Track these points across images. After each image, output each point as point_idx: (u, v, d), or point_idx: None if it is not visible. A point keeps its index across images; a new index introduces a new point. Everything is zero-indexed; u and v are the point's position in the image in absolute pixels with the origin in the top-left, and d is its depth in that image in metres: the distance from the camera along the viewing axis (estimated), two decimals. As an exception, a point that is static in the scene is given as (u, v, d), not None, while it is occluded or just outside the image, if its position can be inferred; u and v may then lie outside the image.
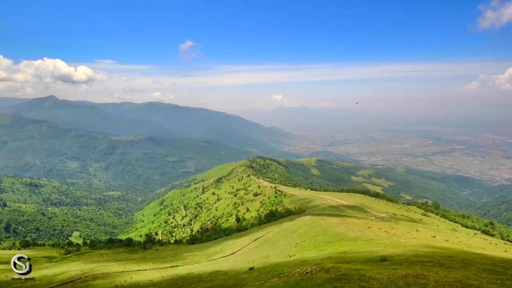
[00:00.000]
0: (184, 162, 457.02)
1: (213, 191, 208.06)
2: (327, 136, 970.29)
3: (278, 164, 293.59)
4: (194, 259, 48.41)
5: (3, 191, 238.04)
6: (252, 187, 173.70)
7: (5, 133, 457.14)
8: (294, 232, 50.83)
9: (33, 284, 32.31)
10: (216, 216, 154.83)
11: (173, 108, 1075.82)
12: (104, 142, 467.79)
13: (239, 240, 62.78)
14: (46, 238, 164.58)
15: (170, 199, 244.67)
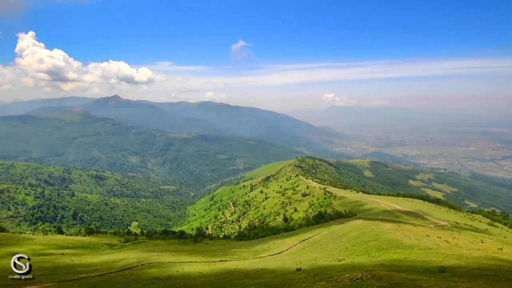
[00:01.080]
0: (233, 160, 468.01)
1: (261, 189, 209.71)
2: (382, 136, 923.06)
3: (328, 165, 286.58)
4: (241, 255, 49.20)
5: (72, 182, 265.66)
6: (300, 187, 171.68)
7: (75, 130, 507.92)
8: (344, 235, 49.13)
9: (95, 269, 35.38)
10: (263, 214, 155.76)
11: (224, 107, 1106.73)
12: (161, 139, 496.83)
13: (286, 240, 62.42)
14: (108, 226, 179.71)
15: (220, 195, 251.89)
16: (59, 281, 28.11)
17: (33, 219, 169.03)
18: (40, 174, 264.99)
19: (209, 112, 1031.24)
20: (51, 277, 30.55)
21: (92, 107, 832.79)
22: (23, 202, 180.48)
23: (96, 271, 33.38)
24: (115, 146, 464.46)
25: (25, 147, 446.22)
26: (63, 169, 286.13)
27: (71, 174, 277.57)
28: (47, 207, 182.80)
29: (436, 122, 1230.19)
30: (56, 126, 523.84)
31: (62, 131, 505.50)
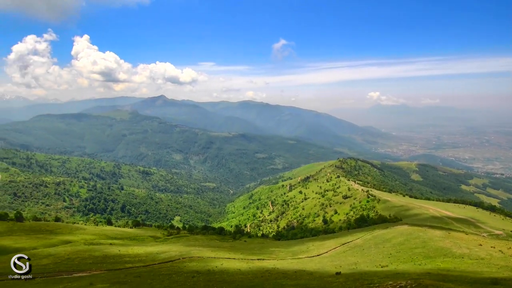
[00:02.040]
0: (272, 159, 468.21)
1: (300, 189, 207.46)
2: (431, 137, 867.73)
3: (371, 167, 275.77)
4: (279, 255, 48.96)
5: (121, 177, 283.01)
6: (341, 189, 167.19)
7: (125, 127, 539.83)
8: (388, 241, 46.90)
9: (140, 260, 37.19)
10: (302, 215, 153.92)
11: (264, 106, 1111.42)
12: (203, 138, 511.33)
13: (325, 242, 61.06)
14: (153, 219, 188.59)
15: (258, 194, 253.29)
16: (108, 270, 29.91)
17: (86, 210, 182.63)
18: (93, 168, 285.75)
19: (249, 111, 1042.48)
20: (100, 265, 32.64)
21: (140, 106, 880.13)
22: (77, 194, 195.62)
23: (141, 262, 35.06)
24: (160, 143, 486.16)
25: (79, 143, 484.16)
26: (113, 164, 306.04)
27: (120, 169, 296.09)
28: (98, 200, 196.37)
29: (492, 123, 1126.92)
30: (107, 124, 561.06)
31: (113, 129, 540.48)
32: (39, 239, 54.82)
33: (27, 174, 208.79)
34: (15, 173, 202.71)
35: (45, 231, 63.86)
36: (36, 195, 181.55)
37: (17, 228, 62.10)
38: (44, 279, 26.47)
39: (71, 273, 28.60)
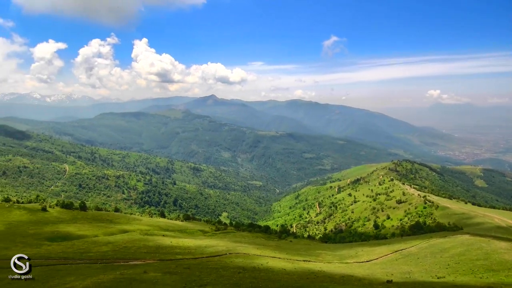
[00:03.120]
0: (320, 159, 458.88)
1: (349, 192, 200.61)
2: (499, 140, 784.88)
3: (429, 170, 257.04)
4: (326, 258, 47.72)
5: (174, 172, 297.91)
6: (395, 193, 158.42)
7: (178, 126, 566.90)
8: (445, 251, 43.30)
9: (190, 252, 38.64)
10: (351, 218, 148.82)
11: (313, 105, 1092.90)
12: (251, 136, 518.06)
13: (376, 248, 58.19)
14: (202, 214, 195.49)
15: (305, 195, 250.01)
16: (160, 260, 31.52)
17: (142, 202, 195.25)
18: (149, 163, 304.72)
19: (297, 110, 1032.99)
20: (153, 255, 34.53)
21: (192, 106, 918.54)
22: (134, 187, 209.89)
23: (190, 254, 36.43)
24: (210, 141, 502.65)
25: (138, 139, 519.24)
26: (167, 160, 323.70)
27: (173, 165, 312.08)
28: (153, 193, 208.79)
29: None
30: (163, 122, 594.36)
31: (167, 127, 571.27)
32: (100, 228, 59.72)
33: (91, 167, 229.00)
34: (80, 166, 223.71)
35: (106, 220, 69.40)
36: (98, 187, 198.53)
37: (81, 216, 68.27)
38: (103, 264, 28.68)
39: (127, 261, 30.61)
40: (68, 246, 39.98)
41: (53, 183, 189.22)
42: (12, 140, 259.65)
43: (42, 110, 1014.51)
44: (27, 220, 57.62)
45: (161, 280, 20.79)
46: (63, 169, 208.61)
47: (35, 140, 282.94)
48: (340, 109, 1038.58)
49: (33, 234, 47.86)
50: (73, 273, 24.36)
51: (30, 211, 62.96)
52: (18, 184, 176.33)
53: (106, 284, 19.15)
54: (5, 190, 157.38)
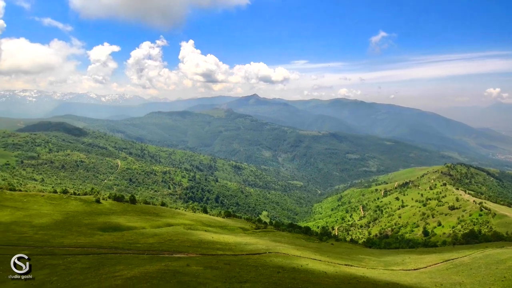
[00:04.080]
0: (365, 160, 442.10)
1: (397, 196, 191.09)
2: None
3: (487, 175, 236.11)
4: (370, 263, 45.74)
5: (216, 170, 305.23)
6: (447, 199, 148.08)
7: (221, 124, 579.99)
8: (502, 262, 39.37)
9: (230, 248, 39.15)
10: (398, 223, 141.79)
11: (358, 104, 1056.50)
12: (292, 136, 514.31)
13: (425, 256, 54.62)
14: (242, 212, 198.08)
15: (348, 197, 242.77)
16: (202, 254, 32.33)
17: (186, 198, 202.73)
18: (193, 161, 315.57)
19: (341, 109, 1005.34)
20: (195, 249, 35.52)
21: (235, 105, 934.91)
22: (179, 183, 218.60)
23: (231, 251, 36.92)
24: (251, 140, 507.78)
25: (183, 137, 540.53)
26: (210, 158, 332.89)
27: (216, 163, 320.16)
28: (196, 189, 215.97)
29: None
30: (206, 121, 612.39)
31: (211, 126, 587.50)
32: (147, 220, 62.90)
33: (141, 163, 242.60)
34: (131, 162, 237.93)
35: (152, 213, 72.95)
36: (147, 182, 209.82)
37: (131, 209, 72.40)
38: (150, 255, 30.06)
39: (171, 253, 31.79)
40: (118, 237, 42.56)
41: (107, 177, 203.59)
42: (71, 136, 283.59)
43: (98, 108, 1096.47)
44: (82, 210, 62.41)
45: (202, 274, 21.23)
46: (115, 164, 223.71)
47: (91, 136, 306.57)
48: (388, 108, 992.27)
49: (87, 224, 51.73)
50: (122, 262, 25.81)
51: (85, 203, 68.16)
52: (75, 177, 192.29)
53: (152, 275, 19.97)
54: (63, 182, 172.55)
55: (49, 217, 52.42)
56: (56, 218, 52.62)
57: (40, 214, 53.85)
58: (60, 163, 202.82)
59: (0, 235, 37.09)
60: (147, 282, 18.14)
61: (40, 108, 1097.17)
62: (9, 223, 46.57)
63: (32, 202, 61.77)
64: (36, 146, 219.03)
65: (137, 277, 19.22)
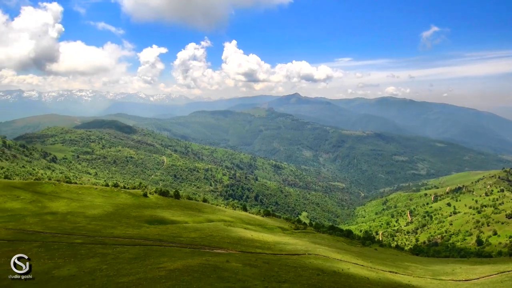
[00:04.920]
0: (414, 163, 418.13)
1: (448, 201, 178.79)
2: None
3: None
4: (416, 271, 43.17)
5: (256, 168, 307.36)
6: (505, 206, 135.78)
7: (261, 124, 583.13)
8: None
9: (269, 247, 39.12)
10: (449, 231, 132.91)
11: (407, 103, 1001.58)
12: (334, 136, 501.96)
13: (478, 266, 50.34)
14: (281, 211, 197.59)
15: (394, 201, 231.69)
16: (241, 251, 32.68)
17: (226, 195, 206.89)
18: (234, 159, 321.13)
19: (388, 108, 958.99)
20: (235, 246, 35.99)
21: (276, 104, 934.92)
22: (220, 180, 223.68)
23: (270, 250, 36.89)
24: (292, 139, 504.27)
25: (224, 136, 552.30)
26: (250, 157, 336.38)
27: (256, 162, 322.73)
28: (236, 187, 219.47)
29: None
30: (247, 120, 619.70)
31: (251, 125, 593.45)
32: (190, 215, 65.11)
33: (185, 160, 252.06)
34: (176, 159, 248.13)
35: (195, 209, 75.37)
36: (190, 178, 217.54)
37: (175, 204, 75.40)
38: (192, 249, 31.01)
39: (212, 249, 32.53)
40: (163, 230, 44.50)
41: (153, 172, 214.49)
42: (122, 134, 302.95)
43: (146, 108, 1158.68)
44: (131, 203, 66.23)
45: (241, 271, 21.42)
46: (161, 161, 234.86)
47: (140, 134, 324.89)
48: (440, 108, 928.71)
49: (135, 216, 54.78)
50: (166, 254, 26.92)
51: (133, 196, 72.27)
52: (125, 172, 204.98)
53: (194, 268, 20.55)
54: (114, 176, 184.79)
55: (101, 209, 56.34)
56: (107, 210, 56.43)
57: (93, 206, 58.09)
58: (112, 158, 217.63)
59: (57, 224, 40.55)
60: (189, 275, 18.69)
61: (94, 107, 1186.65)
62: (65, 213, 50.83)
63: (86, 194, 66.88)
64: (90, 142, 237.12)
65: (180, 270, 19.89)
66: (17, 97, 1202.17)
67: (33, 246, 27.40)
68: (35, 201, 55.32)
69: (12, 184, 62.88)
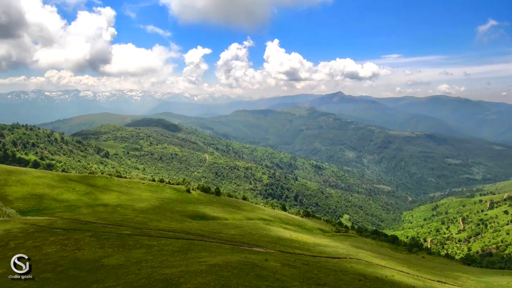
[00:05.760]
0: (469, 167, 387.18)
1: (506, 209, 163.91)
2: None
3: None
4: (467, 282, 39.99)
5: (296, 168, 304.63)
6: None
7: (302, 123, 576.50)
8: None
9: (308, 249, 38.52)
10: (505, 241, 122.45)
11: (461, 102, 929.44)
12: (380, 136, 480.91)
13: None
14: (322, 213, 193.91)
15: (445, 207, 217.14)
16: (279, 251, 32.56)
17: (266, 194, 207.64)
18: (273, 158, 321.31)
19: (440, 108, 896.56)
20: (273, 245, 35.96)
21: (317, 103, 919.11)
22: (260, 179, 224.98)
23: (309, 251, 36.32)
24: (334, 139, 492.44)
25: (264, 135, 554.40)
26: (290, 156, 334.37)
27: (296, 161, 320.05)
28: (276, 186, 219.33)
29: None
30: (288, 119, 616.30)
31: (292, 124, 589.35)
32: (230, 212, 66.30)
33: (226, 158, 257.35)
34: (217, 157, 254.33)
35: (235, 206, 76.59)
36: (230, 176, 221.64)
37: (216, 200, 77.26)
38: (231, 246, 31.52)
39: (251, 246, 32.80)
40: (204, 225, 45.79)
41: (196, 169, 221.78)
42: (168, 132, 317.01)
43: (191, 107, 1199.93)
44: (175, 198, 69.02)
45: (280, 271, 21.31)
46: (204, 158, 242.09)
47: (184, 132, 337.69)
48: (499, 107, 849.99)
49: (178, 211, 57.00)
50: (206, 249, 27.64)
51: (177, 191, 75.27)
52: (170, 168, 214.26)
53: (233, 264, 20.85)
54: (160, 172, 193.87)
55: (148, 202, 59.41)
56: (153, 203, 59.37)
57: (141, 199, 61.44)
58: (158, 155, 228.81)
59: (108, 215, 43.44)
60: (228, 271, 18.99)
61: (143, 106, 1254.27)
62: (115, 205, 54.33)
63: (134, 188, 70.96)
64: (139, 139, 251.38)
65: (220, 265, 20.28)
66: (74, 97, 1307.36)
67: (86, 235, 29.60)
68: (88, 193, 59.84)
69: (68, 177, 68.60)
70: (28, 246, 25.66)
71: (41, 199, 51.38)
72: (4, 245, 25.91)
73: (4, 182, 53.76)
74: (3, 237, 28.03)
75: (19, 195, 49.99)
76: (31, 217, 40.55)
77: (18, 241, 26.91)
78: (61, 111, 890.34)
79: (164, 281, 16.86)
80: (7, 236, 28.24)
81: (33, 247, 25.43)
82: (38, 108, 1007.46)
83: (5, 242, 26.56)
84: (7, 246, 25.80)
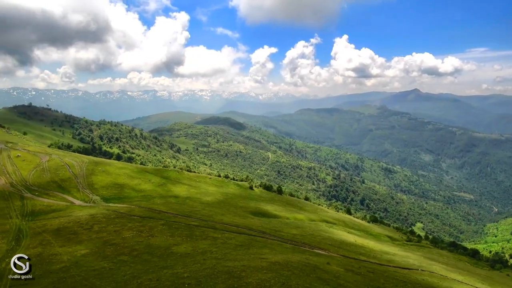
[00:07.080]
0: None
1: None
2: None
3: None
4: None
5: (363, 170, 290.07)
6: None
7: (371, 122, 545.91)
8: None
9: (375, 256, 36.30)
10: None
11: None
12: (463, 139, 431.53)
13: None
14: (391, 220, 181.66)
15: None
16: (343, 255, 31.32)
17: (329, 195, 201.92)
18: (339, 159, 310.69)
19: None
20: (336, 249, 34.74)
21: (389, 101, 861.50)
22: (323, 180, 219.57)
23: (375, 259, 34.29)
24: (407, 141, 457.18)
25: (330, 134, 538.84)
26: (357, 158, 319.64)
27: (363, 163, 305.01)
28: (340, 188, 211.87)
29: None
30: (355, 119, 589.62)
31: (360, 123, 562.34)
32: (291, 212, 65.99)
33: (288, 157, 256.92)
34: (280, 155, 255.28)
35: (296, 206, 76.03)
36: (292, 175, 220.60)
37: (277, 199, 77.60)
38: (292, 246, 31.29)
39: (312, 248, 32.17)
40: (266, 222, 46.29)
41: (259, 167, 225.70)
42: (233, 130, 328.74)
43: (256, 106, 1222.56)
44: (239, 194, 71.10)
45: (343, 276, 20.49)
46: (267, 156, 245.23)
47: (248, 130, 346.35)
48: None
49: (241, 206, 58.58)
50: (267, 246, 27.87)
51: (241, 188, 77.43)
52: (234, 165, 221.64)
53: (294, 264, 20.66)
54: (226, 168, 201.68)
55: (213, 197, 62.22)
56: (218, 198, 62.00)
57: (207, 193, 64.61)
58: (224, 152, 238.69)
59: (178, 206, 46.50)
60: (288, 270, 18.87)
61: (212, 105, 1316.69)
62: (185, 197, 58.01)
63: (202, 182, 74.91)
64: (207, 137, 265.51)
65: (280, 264, 20.26)
66: (152, 96, 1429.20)
67: (159, 223, 32.12)
68: (162, 185, 64.89)
69: (145, 170, 75.22)
70: (109, 230, 28.78)
71: (122, 188, 57.27)
72: (89, 228, 29.49)
73: (92, 171, 61.13)
74: (89, 220, 31.89)
75: (104, 184, 56.36)
76: (112, 204, 45.48)
77: (101, 225, 30.37)
78: (140, 109, 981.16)
79: (227, 273, 17.42)
80: (92, 220, 32.07)
81: (113, 231, 28.44)
82: (122, 106, 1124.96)
83: (90, 225, 30.21)
84: (91, 229, 29.31)
